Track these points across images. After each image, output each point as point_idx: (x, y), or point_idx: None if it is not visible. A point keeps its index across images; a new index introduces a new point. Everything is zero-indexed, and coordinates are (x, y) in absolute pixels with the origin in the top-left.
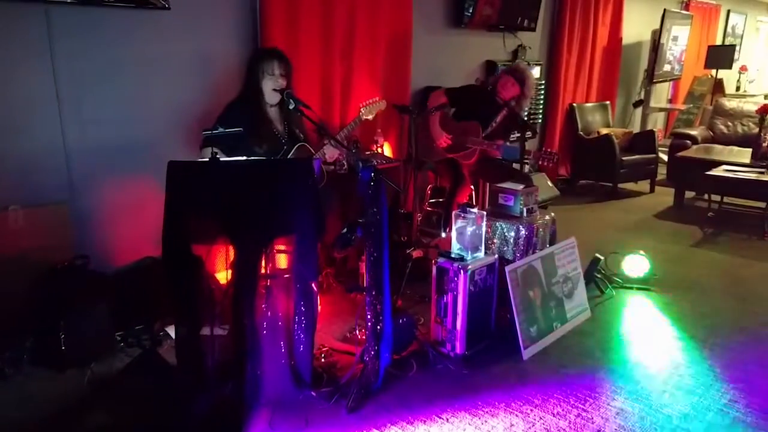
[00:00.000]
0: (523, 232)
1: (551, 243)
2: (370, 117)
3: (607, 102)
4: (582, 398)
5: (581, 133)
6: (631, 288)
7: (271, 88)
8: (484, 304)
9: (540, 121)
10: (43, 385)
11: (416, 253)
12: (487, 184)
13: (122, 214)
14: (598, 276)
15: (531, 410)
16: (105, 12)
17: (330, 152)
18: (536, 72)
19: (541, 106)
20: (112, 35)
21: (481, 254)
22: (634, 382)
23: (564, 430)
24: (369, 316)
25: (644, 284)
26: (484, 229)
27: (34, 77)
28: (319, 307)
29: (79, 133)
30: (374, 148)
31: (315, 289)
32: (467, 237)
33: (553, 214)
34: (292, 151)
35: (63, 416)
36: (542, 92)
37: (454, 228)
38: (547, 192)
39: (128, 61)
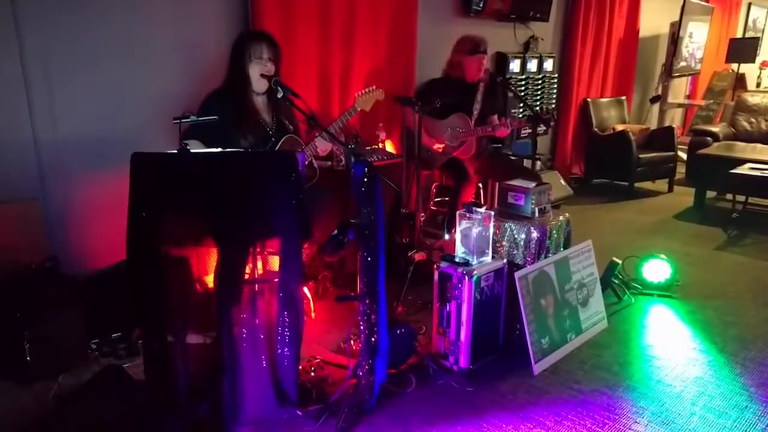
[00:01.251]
0: (534, 234)
1: (565, 246)
2: (366, 107)
3: (623, 97)
4: (600, 421)
5: (596, 129)
6: (652, 295)
7: (258, 73)
8: (491, 313)
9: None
10: (2, 400)
11: (419, 256)
12: (496, 182)
13: (98, 213)
14: (616, 282)
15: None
16: None
17: (322, 146)
18: (549, 65)
19: (553, 101)
20: (88, 17)
21: (488, 259)
22: (657, 402)
23: None
24: (362, 327)
25: (666, 291)
26: (491, 231)
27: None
28: (313, 314)
29: (50, 125)
30: (376, 144)
31: (301, 296)
32: (473, 239)
33: (567, 215)
34: (280, 143)
35: None
36: (555, 86)
37: (458, 229)
38: (559, 191)
39: (106, 47)
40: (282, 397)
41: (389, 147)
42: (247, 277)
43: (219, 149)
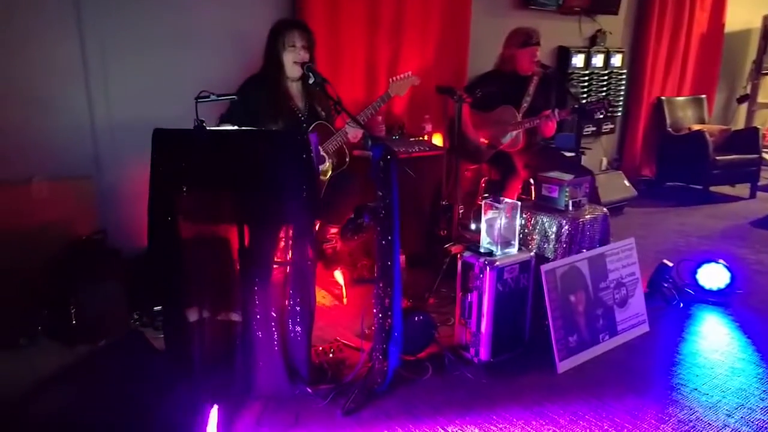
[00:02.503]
0: (565, 227)
1: (603, 243)
2: (401, 93)
3: (703, 96)
4: (619, 424)
5: (669, 129)
6: (706, 302)
7: (292, 60)
8: (517, 307)
9: (619, 114)
10: (50, 358)
11: (455, 249)
12: None
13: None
14: (665, 285)
15: (553, 431)
16: None
17: (352, 132)
18: (617, 60)
19: (621, 99)
20: (142, 7)
21: (513, 250)
22: (688, 410)
23: None
24: (376, 311)
25: (722, 298)
26: (518, 222)
27: (62, 50)
28: (345, 300)
29: (105, 108)
30: (421, 135)
31: (312, 277)
32: (497, 230)
33: (605, 209)
34: (309, 129)
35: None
36: (622, 83)
37: (483, 220)
38: (621, 192)
39: (159, 34)
40: (293, 374)
41: (437, 140)
42: (261, 256)
43: (235, 127)
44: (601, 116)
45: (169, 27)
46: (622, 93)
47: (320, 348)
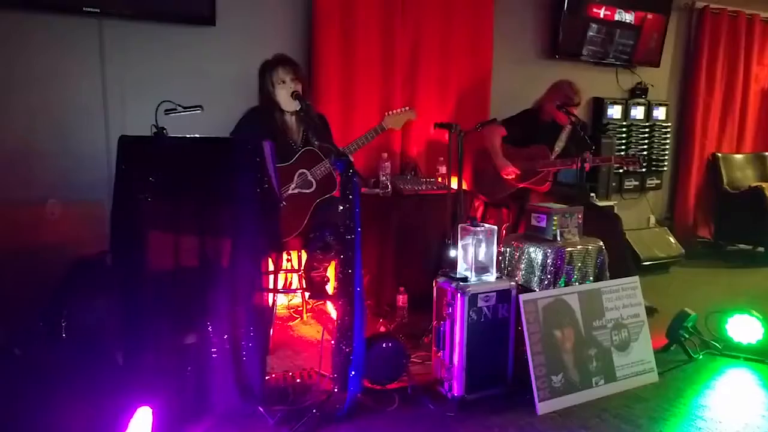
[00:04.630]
0: (551, 256)
1: (599, 279)
2: (396, 126)
3: (766, 153)
4: None
5: (726, 187)
6: (737, 357)
7: (285, 96)
8: (496, 341)
9: (665, 169)
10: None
11: None
12: None
13: None
14: (686, 336)
15: None
16: (154, 27)
17: None
18: (660, 113)
19: (666, 153)
20: (160, 49)
21: (491, 277)
22: None
23: None
24: (334, 333)
25: (755, 355)
26: (495, 248)
27: (85, 84)
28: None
29: None
30: (435, 177)
31: (265, 294)
32: (470, 255)
33: (601, 243)
34: (296, 156)
35: None
36: (667, 137)
37: (459, 244)
38: (666, 249)
39: (174, 75)
40: (245, 392)
41: (454, 182)
42: (216, 269)
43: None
44: (633, 170)
45: (187, 63)
46: (667, 147)
47: (290, 373)
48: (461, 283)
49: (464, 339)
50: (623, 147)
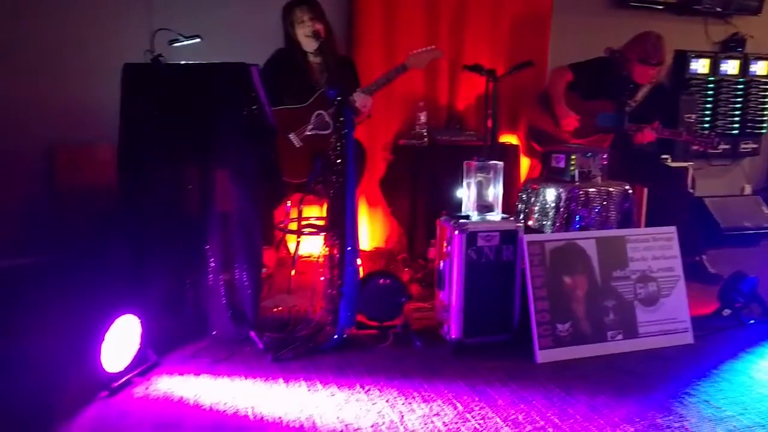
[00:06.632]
0: (564, 196)
1: (624, 226)
2: (420, 66)
3: None
4: (569, 416)
5: None
6: None
7: (304, 35)
8: (501, 285)
9: (765, 131)
10: None
11: None
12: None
13: None
14: (740, 300)
15: (474, 410)
16: None
17: (360, 100)
18: (760, 68)
19: (765, 114)
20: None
21: (495, 216)
22: (676, 416)
23: None
24: (325, 264)
25: None
26: (500, 186)
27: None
28: None
29: None
30: (483, 133)
31: (257, 222)
32: (473, 192)
33: (628, 187)
34: (313, 96)
35: None
36: (767, 96)
37: (464, 182)
38: (756, 220)
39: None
40: (239, 318)
41: (507, 139)
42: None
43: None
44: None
45: (226, 27)
46: (766, 106)
47: (294, 307)
48: (460, 221)
49: (462, 278)
50: (709, 106)
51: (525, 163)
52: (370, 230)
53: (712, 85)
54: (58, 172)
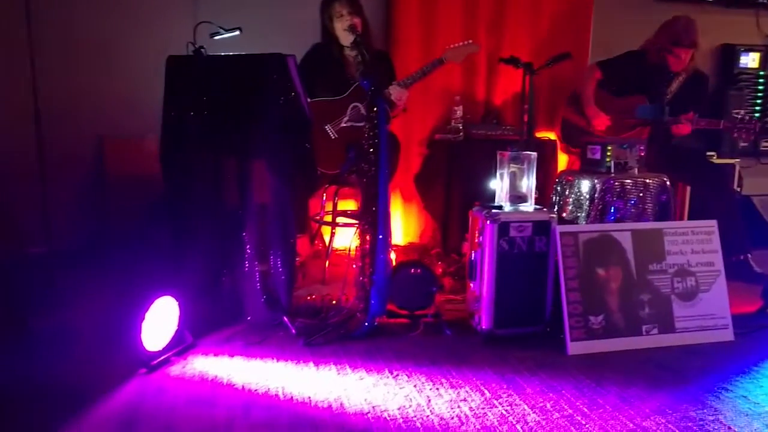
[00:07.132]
0: (598, 187)
1: (661, 218)
2: (457, 60)
3: None
4: (599, 406)
5: None
6: None
7: (342, 29)
8: (533, 276)
9: None
10: None
11: None
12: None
13: None
14: None
15: (501, 397)
16: None
17: (396, 93)
18: None
19: None
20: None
21: (528, 207)
22: (710, 410)
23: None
24: (358, 251)
25: None
26: (533, 176)
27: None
28: None
29: None
30: (519, 127)
31: (291, 212)
32: (506, 183)
33: (666, 178)
34: (348, 90)
35: None
36: None
37: (497, 173)
38: None
39: (257, 22)
40: (273, 303)
41: (551, 136)
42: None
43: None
44: (743, 138)
45: (266, 21)
46: None
47: (327, 296)
48: (492, 211)
49: (493, 269)
50: (759, 101)
51: (563, 159)
52: (405, 225)
53: (762, 80)
54: (107, 162)
